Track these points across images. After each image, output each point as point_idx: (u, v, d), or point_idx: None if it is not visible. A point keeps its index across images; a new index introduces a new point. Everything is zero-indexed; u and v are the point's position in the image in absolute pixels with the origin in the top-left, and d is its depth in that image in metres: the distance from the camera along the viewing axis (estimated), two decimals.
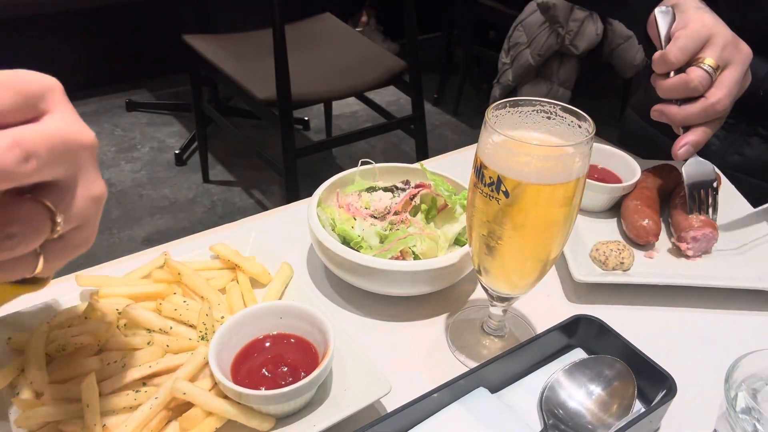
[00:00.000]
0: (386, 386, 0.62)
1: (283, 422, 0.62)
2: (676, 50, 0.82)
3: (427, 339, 0.76)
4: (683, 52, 0.82)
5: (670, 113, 0.86)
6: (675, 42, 0.83)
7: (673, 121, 0.86)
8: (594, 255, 0.86)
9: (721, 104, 0.82)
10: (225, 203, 2.91)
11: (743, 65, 0.84)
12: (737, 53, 0.84)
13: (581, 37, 2.91)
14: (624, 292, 0.84)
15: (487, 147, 0.60)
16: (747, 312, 0.82)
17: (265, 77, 2.18)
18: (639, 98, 1.27)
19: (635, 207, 0.91)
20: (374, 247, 0.78)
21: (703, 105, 0.83)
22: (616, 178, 0.99)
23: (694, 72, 0.82)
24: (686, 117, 0.84)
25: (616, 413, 0.62)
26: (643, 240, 0.88)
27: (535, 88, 3.08)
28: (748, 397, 0.59)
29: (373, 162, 0.91)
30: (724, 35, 0.83)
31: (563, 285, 0.86)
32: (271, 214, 0.98)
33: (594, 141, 0.59)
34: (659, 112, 0.87)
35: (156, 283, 0.73)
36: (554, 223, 0.62)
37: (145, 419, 0.59)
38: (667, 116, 0.86)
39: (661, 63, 0.84)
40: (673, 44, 0.83)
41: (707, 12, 0.85)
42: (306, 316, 0.66)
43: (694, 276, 0.84)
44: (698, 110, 0.83)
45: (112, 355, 0.64)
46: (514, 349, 0.67)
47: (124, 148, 3.24)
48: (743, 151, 1.07)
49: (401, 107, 3.63)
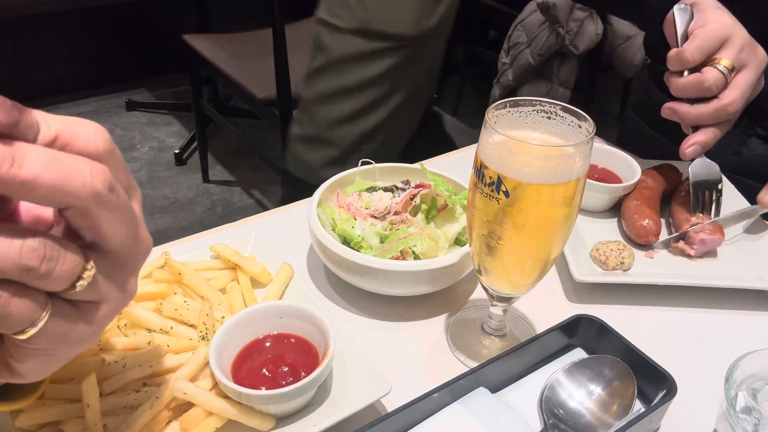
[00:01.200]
0: (386, 386, 0.62)
1: (283, 422, 0.62)
2: (693, 49, 0.81)
3: (427, 339, 0.77)
4: (700, 51, 0.81)
5: (681, 112, 0.85)
6: (692, 40, 0.82)
7: (684, 120, 0.86)
8: (594, 255, 0.86)
9: (733, 106, 0.82)
10: (225, 203, 2.91)
11: (759, 68, 0.83)
12: (754, 56, 0.83)
13: (581, 37, 2.90)
14: (624, 292, 0.84)
15: (488, 147, 0.60)
16: (747, 312, 0.82)
17: (265, 77, 2.18)
18: (639, 98, 1.27)
19: (635, 207, 0.91)
20: (374, 247, 0.78)
21: (716, 106, 0.82)
22: (617, 178, 0.99)
23: (709, 72, 0.81)
24: (697, 117, 0.84)
25: (616, 413, 0.62)
26: (643, 240, 0.89)
27: (535, 88, 3.08)
28: (748, 397, 0.59)
29: (373, 162, 0.91)
30: (742, 37, 0.82)
31: (563, 285, 0.86)
32: (271, 214, 0.98)
33: (594, 141, 0.59)
34: (671, 110, 0.86)
35: (156, 283, 0.73)
36: (554, 223, 0.62)
37: (146, 419, 0.59)
38: (678, 115, 0.85)
39: (677, 61, 0.83)
40: (691, 42, 0.82)
41: (726, 12, 0.84)
42: (306, 316, 0.66)
43: (694, 276, 0.84)
44: (711, 111, 0.82)
45: (113, 355, 0.64)
46: (514, 349, 0.67)
47: (123, 147, 3.24)
48: (741, 151, 1.07)
49: None
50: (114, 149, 0.37)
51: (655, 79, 1.18)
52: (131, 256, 0.40)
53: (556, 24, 2.88)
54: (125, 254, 0.39)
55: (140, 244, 0.41)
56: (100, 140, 0.36)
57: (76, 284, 0.36)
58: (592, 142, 0.59)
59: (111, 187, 0.35)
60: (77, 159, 0.34)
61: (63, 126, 0.34)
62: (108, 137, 0.37)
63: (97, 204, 0.35)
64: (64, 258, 0.35)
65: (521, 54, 3.00)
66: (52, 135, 0.34)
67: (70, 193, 0.33)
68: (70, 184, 0.33)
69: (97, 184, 0.34)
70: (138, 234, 0.40)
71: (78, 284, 0.36)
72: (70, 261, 0.35)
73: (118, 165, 0.38)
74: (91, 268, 0.37)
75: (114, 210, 0.36)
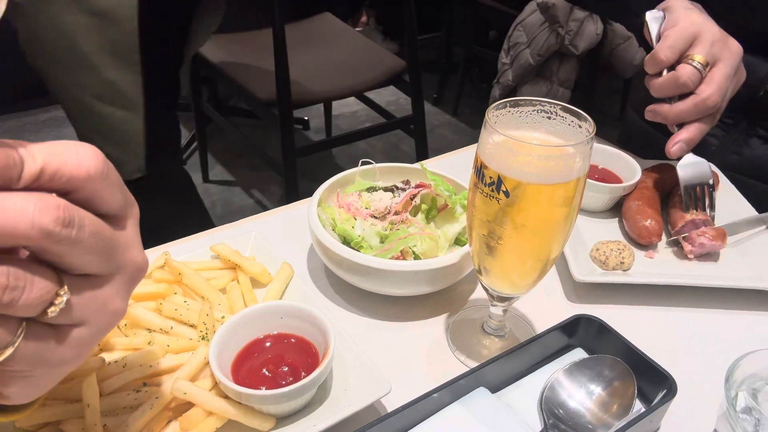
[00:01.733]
0: (386, 386, 0.62)
1: (283, 422, 0.62)
2: (665, 48, 0.84)
3: (427, 339, 0.77)
4: (672, 49, 0.84)
5: (662, 112, 0.87)
6: (664, 40, 0.85)
7: (665, 119, 0.88)
8: (594, 255, 0.86)
9: (711, 99, 0.84)
10: (225, 203, 2.91)
11: (733, 61, 0.85)
12: (726, 50, 0.85)
13: (581, 37, 2.91)
14: (624, 292, 0.84)
15: (488, 147, 0.60)
16: (747, 312, 0.82)
17: (265, 77, 2.19)
18: (639, 98, 1.27)
19: (637, 207, 0.91)
20: (374, 247, 0.78)
21: (694, 101, 0.84)
22: (617, 178, 0.99)
23: (683, 68, 0.83)
24: (678, 114, 0.86)
25: (616, 413, 0.62)
26: (645, 240, 0.89)
27: (534, 88, 3.08)
28: (749, 397, 0.59)
29: (373, 162, 0.91)
30: (712, 32, 0.85)
31: (563, 285, 0.86)
32: (271, 214, 0.98)
33: (594, 141, 0.59)
34: (652, 112, 0.89)
35: (156, 283, 0.73)
36: (554, 223, 0.62)
37: (146, 419, 0.59)
38: (660, 115, 0.88)
39: (652, 63, 0.86)
40: (663, 43, 0.85)
41: (696, 11, 0.87)
42: (306, 316, 0.66)
43: (695, 276, 0.84)
44: (689, 106, 0.85)
45: (113, 355, 0.65)
46: (515, 349, 0.67)
47: None
48: (742, 151, 1.07)
49: (401, 107, 3.63)
50: (107, 170, 0.36)
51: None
52: (115, 279, 0.39)
53: (555, 24, 2.88)
54: (105, 278, 0.38)
55: (127, 267, 0.39)
56: (91, 164, 0.35)
57: (47, 310, 0.35)
58: (592, 142, 0.59)
59: (66, 221, 0.33)
60: (22, 198, 0.32)
61: (49, 155, 0.33)
62: (101, 158, 0.36)
63: (50, 242, 0.33)
64: (32, 285, 0.33)
65: (521, 54, 3.01)
66: (37, 169, 0.33)
67: (18, 236, 0.32)
68: (14, 227, 0.31)
69: (46, 223, 0.32)
70: (123, 257, 0.39)
71: (50, 310, 0.35)
72: (38, 288, 0.34)
73: (112, 186, 0.37)
74: (64, 294, 0.35)
75: (76, 243, 0.34)
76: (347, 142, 2.71)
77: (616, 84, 3.46)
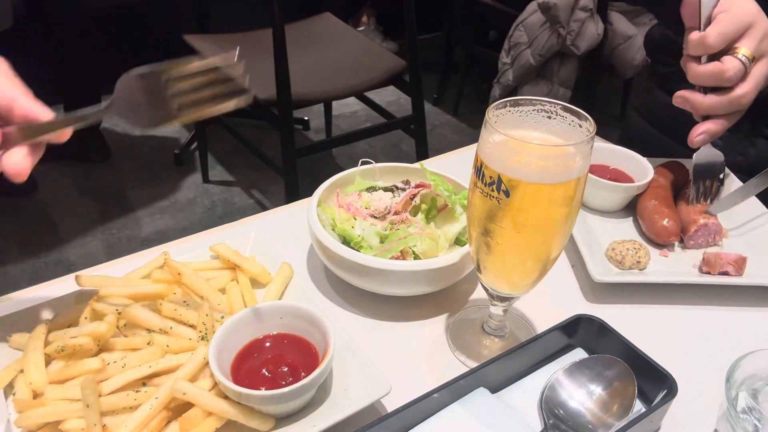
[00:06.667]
0: (386, 386, 0.62)
1: (283, 422, 0.61)
2: (716, 34, 0.78)
3: (427, 339, 0.76)
4: (723, 36, 0.78)
5: (695, 101, 0.82)
6: (716, 25, 0.79)
7: (696, 110, 0.83)
8: (610, 254, 0.86)
9: (747, 98, 0.80)
10: (225, 203, 2.91)
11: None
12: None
13: (582, 38, 2.90)
14: (624, 292, 0.84)
15: (488, 146, 0.59)
16: (747, 311, 0.82)
17: (265, 77, 2.18)
18: (640, 99, 1.27)
19: (654, 207, 0.90)
20: (374, 247, 0.78)
21: (729, 98, 0.80)
22: (628, 178, 0.98)
23: (731, 62, 0.78)
24: (711, 107, 0.81)
25: (616, 413, 0.62)
26: (663, 240, 0.88)
27: (535, 88, 3.08)
28: (749, 397, 0.59)
29: (373, 162, 0.91)
30: (764, 25, 0.80)
31: (564, 285, 0.86)
32: (271, 214, 0.98)
33: (594, 141, 0.59)
34: (683, 98, 0.83)
35: (156, 283, 0.73)
36: (554, 222, 0.62)
37: (145, 419, 0.59)
38: (691, 104, 0.83)
39: (699, 46, 0.80)
40: (714, 28, 0.79)
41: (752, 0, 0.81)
42: (306, 316, 0.66)
43: (710, 275, 0.83)
44: (724, 103, 0.80)
45: (112, 355, 0.64)
46: (515, 349, 0.67)
47: (124, 147, 3.24)
48: (747, 151, 1.06)
49: (401, 107, 3.62)
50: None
51: (656, 80, 1.18)
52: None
53: (557, 24, 2.87)
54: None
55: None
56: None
57: None
58: (592, 142, 0.59)
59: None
60: None
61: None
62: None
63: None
64: None
65: (522, 54, 3.00)
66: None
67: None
68: None
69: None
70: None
71: None
72: None
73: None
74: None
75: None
76: (347, 142, 2.71)
77: (616, 84, 3.46)
